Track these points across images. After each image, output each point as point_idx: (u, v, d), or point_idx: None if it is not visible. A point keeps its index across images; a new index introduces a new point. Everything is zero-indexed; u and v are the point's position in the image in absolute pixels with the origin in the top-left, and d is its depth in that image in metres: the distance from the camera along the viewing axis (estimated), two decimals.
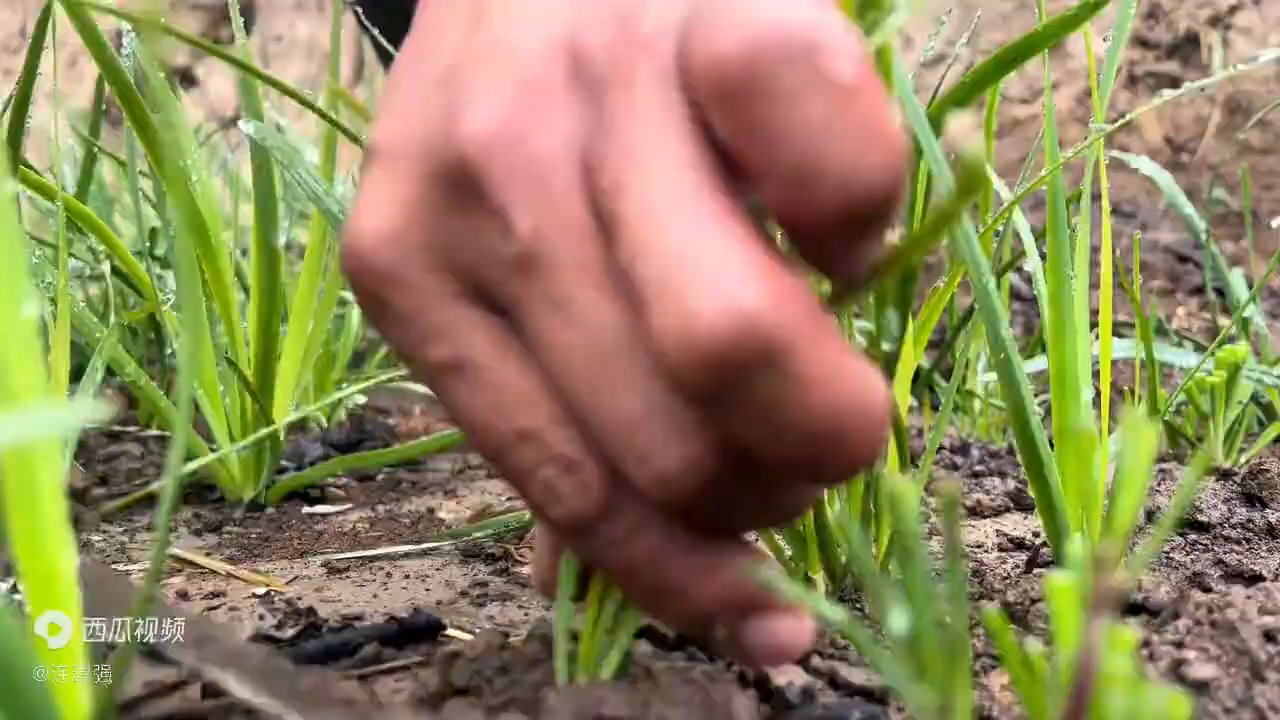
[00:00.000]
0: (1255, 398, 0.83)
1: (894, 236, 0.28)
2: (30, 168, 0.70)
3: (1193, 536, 0.57)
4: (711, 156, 0.28)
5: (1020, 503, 0.68)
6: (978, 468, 0.79)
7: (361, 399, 1.08)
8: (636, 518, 0.31)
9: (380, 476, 0.84)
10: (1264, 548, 0.56)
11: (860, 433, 0.27)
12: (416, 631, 0.44)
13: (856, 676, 0.39)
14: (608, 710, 0.31)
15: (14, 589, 0.27)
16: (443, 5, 0.33)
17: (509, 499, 0.74)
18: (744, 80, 0.25)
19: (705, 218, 0.26)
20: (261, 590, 0.52)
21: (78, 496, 0.38)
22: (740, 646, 0.32)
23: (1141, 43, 2.60)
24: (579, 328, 0.29)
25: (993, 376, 0.94)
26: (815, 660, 0.40)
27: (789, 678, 0.38)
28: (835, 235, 0.26)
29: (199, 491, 0.76)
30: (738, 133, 0.26)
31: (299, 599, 0.50)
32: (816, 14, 0.25)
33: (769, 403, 0.26)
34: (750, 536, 0.36)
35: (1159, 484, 0.65)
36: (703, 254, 0.26)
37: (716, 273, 0.26)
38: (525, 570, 0.56)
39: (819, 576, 0.50)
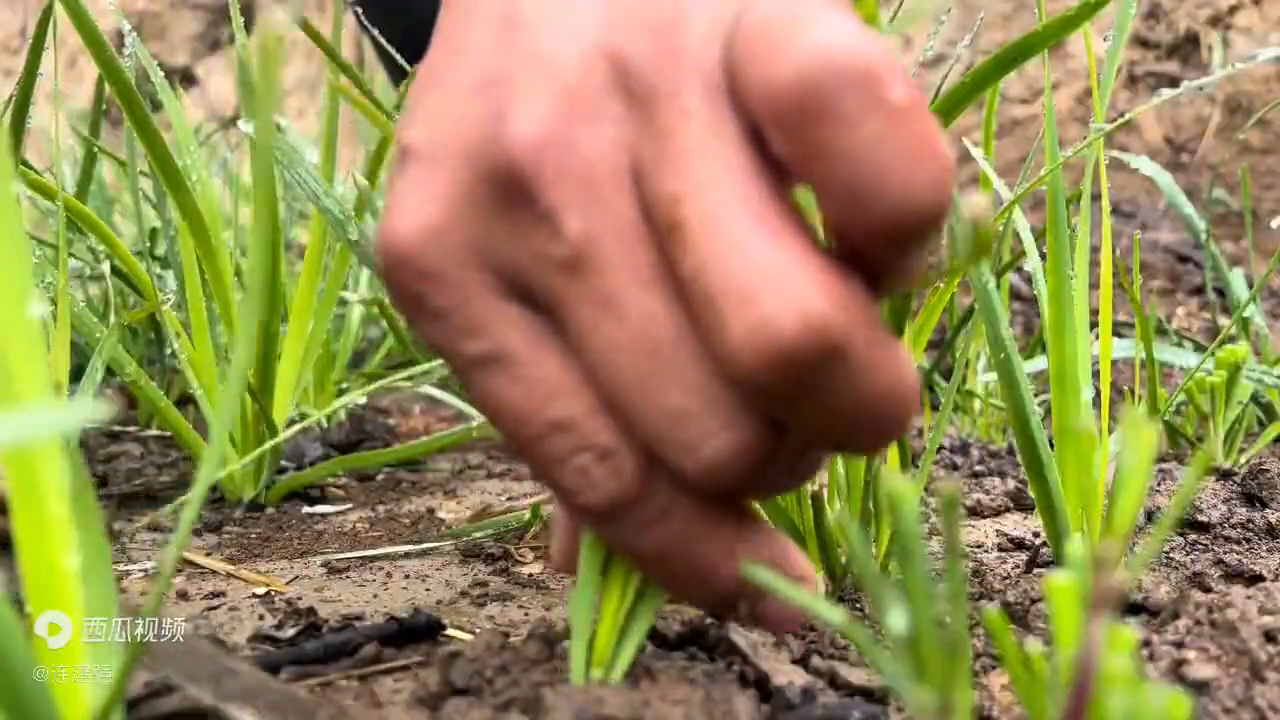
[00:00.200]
0: (1255, 398, 0.83)
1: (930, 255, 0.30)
2: (30, 168, 0.70)
3: (1193, 536, 0.57)
4: (764, 164, 0.29)
5: (1020, 503, 0.68)
6: (978, 468, 0.79)
7: (362, 399, 1.08)
8: (666, 502, 0.32)
9: (380, 476, 0.84)
10: (1264, 548, 0.56)
11: (904, 411, 0.30)
12: (416, 631, 0.44)
13: (856, 676, 0.39)
14: (607, 710, 0.31)
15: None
16: (469, 11, 0.34)
17: (509, 499, 0.74)
18: (804, 105, 0.27)
19: (768, 225, 0.28)
20: (261, 590, 0.52)
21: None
22: (760, 617, 0.34)
23: (1141, 43, 2.60)
24: (627, 326, 0.30)
25: (993, 376, 0.95)
26: (815, 660, 0.40)
27: (789, 678, 0.38)
28: (885, 247, 0.28)
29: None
30: (795, 152, 0.28)
31: (299, 599, 0.50)
32: (868, 40, 0.27)
33: (831, 394, 0.29)
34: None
35: (1159, 484, 0.65)
36: (770, 261, 0.28)
37: (786, 279, 0.27)
38: (525, 570, 0.56)
39: (819, 576, 0.50)
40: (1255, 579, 0.51)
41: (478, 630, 0.46)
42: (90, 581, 0.28)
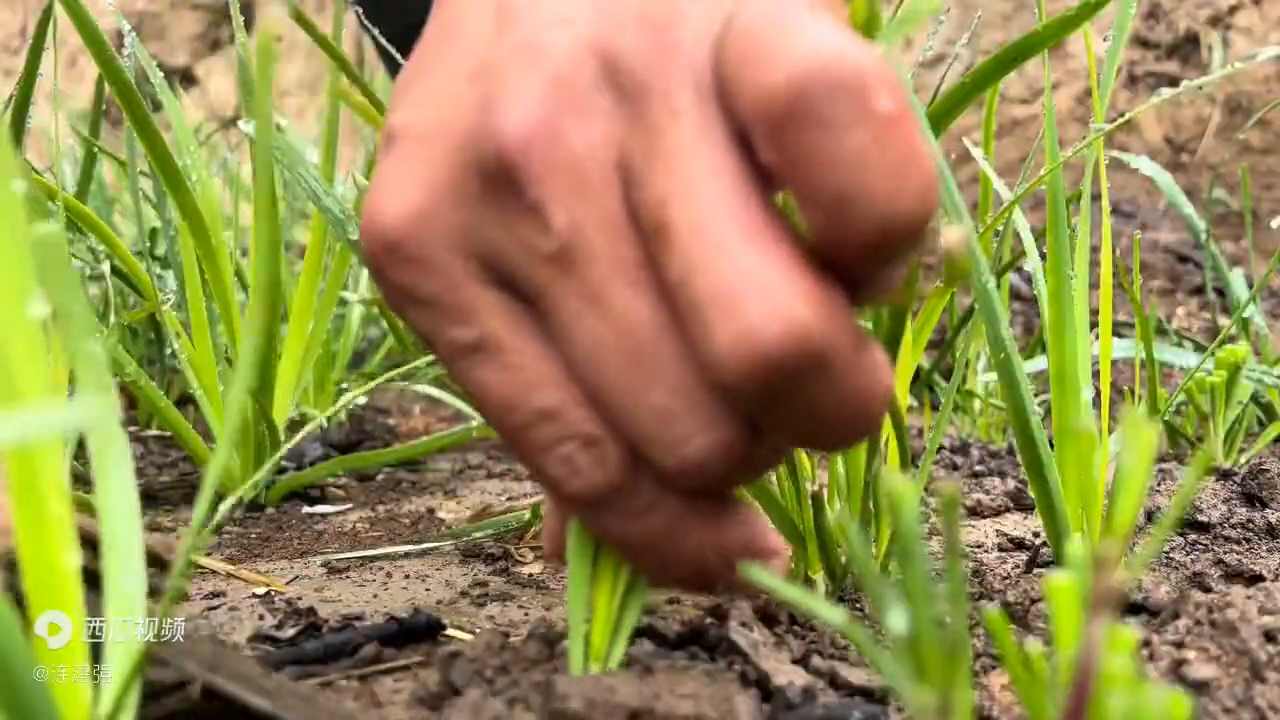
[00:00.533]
0: (1255, 398, 0.83)
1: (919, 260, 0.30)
2: (30, 167, 0.70)
3: (1193, 536, 0.57)
4: (751, 169, 0.29)
5: (1020, 503, 0.68)
6: (978, 468, 0.79)
7: (362, 399, 1.08)
8: (651, 491, 0.32)
9: (380, 476, 0.84)
10: (1264, 548, 0.56)
11: (878, 413, 0.30)
12: (416, 631, 0.44)
13: (856, 676, 0.39)
14: (619, 698, 0.31)
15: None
16: (463, 1, 0.34)
17: (509, 499, 0.74)
18: (794, 112, 0.27)
19: (753, 231, 0.28)
20: (261, 590, 0.52)
21: (155, 561, 0.38)
22: (734, 589, 0.35)
23: (1141, 43, 2.60)
24: (612, 322, 0.30)
25: (993, 376, 0.95)
26: (815, 660, 0.40)
27: (789, 678, 0.38)
28: (870, 257, 0.28)
29: (198, 492, 0.76)
30: (782, 158, 0.28)
31: (299, 599, 0.50)
32: (858, 47, 0.27)
33: (811, 398, 0.29)
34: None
35: (1159, 484, 0.65)
36: (755, 268, 0.28)
37: (771, 287, 0.28)
38: (525, 570, 0.56)
39: (819, 576, 0.50)
40: (1255, 579, 0.51)
41: (478, 630, 0.46)
42: (116, 581, 0.28)
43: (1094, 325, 0.56)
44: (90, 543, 0.29)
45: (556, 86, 0.30)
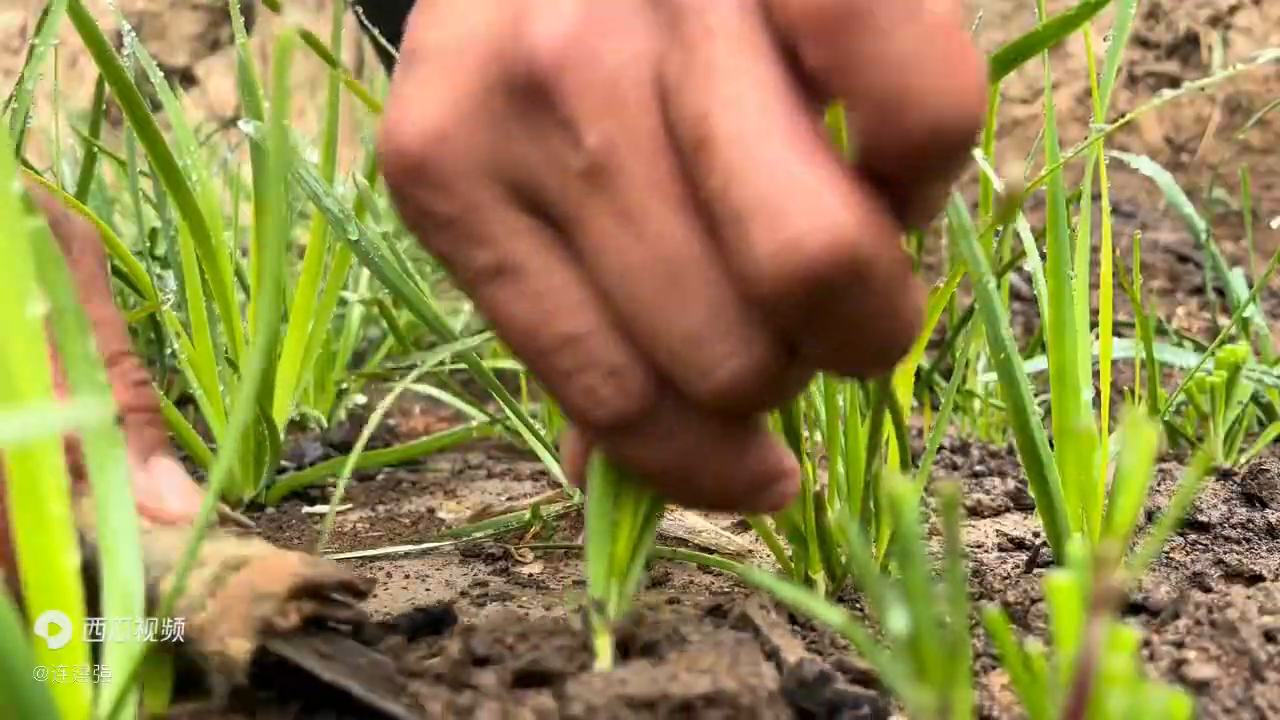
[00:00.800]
0: (1255, 398, 0.83)
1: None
2: (30, 168, 0.70)
3: (1193, 536, 0.57)
4: (794, 81, 0.28)
5: (1020, 503, 0.68)
6: (978, 468, 0.79)
7: (362, 398, 1.08)
8: (673, 418, 0.32)
9: (380, 476, 0.84)
10: (1264, 548, 0.56)
11: (912, 335, 0.30)
12: (443, 623, 0.44)
13: (863, 663, 0.39)
14: (630, 690, 0.31)
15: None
16: None
17: (509, 499, 0.74)
18: (842, 13, 0.26)
19: (797, 143, 0.27)
20: None
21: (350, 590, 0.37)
22: (757, 509, 0.35)
23: (1141, 43, 2.60)
24: (645, 242, 0.29)
25: (993, 376, 0.94)
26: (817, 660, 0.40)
27: (800, 656, 0.38)
28: (916, 163, 0.27)
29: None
30: (830, 62, 0.27)
31: None
32: None
33: (850, 314, 0.28)
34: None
35: (1159, 484, 0.65)
36: (800, 179, 0.27)
37: (816, 198, 0.27)
38: (525, 570, 0.56)
39: (819, 576, 0.50)
40: (1255, 579, 0.51)
41: None
42: (116, 581, 0.28)
43: (1094, 325, 0.56)
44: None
45: (589, 1, 0.30)
